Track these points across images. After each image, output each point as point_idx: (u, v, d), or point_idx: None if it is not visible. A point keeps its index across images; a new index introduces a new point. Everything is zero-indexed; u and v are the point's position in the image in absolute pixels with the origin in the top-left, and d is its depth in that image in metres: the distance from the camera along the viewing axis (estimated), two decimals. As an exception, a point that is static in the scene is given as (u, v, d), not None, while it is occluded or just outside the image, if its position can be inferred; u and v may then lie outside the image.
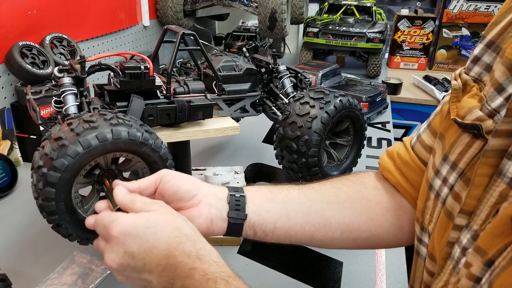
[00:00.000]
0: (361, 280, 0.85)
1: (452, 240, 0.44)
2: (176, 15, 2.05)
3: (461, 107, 0.46)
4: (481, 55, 0.47)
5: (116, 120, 0.65)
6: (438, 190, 0.49)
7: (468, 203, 0.42)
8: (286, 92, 1.10)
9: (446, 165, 0.48)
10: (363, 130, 1.05)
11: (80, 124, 0.63)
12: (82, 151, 0.61)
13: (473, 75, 0.48)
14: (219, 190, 0.59)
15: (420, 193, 0.55)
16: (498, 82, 0.42)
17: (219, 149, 1.42)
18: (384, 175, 0.67)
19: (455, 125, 0.47)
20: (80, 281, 0.81)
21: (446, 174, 0.48)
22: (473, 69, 0.48)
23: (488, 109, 0.42)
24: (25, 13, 1.27)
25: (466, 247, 0.42)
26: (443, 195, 0.48)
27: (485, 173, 0.41)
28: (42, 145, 0.63)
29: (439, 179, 0.49)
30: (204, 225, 0.55)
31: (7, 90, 1.24)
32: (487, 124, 0.41)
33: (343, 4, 2.29)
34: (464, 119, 0.45)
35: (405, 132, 2.24)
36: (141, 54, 0.85)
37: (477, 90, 0.46)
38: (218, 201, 0.57)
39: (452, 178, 0.46)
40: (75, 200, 0.65)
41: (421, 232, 0.53)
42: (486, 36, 0.47)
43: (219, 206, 0.57)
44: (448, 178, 0.47)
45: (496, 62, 0.44)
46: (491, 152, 0.40)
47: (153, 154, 0.68)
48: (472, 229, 0.42)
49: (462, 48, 2.47)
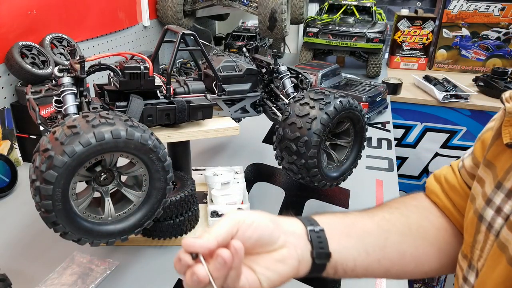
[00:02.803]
0: (361, 280, 0.85)
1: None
2: (176, 15, 2.05)
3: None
4: None
5: (131, 122, 0.67)
6: (490, 221, 0.46)
7: None
8: (286, 92, 1.09)
9: (501, 193, 0.45)
10: (363, 131, 1.05)
11: (96, 118, 0.64)
12: (95, 143, 0.62)
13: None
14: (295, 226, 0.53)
15: (468, 226, 0.52)
16: None
17: (219, 149, 1.42)
18: (431, 198, 0.64)
19: (508, 151, 0.45)
20: (80, 281, 0.81)
21: (500, 203, 0.45)
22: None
23: None
24: (25, 13, 1.27)
25: None
26: (497, 227, 0.45)
27: None
28: (54, 130, 0.64)
29: (492, 209, 0.46)
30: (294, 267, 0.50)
31: (7, 90, 1.24)
32: None
33: (343, 4, 2.29)
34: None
35: (405, 132, 2.24)
36: (141, 54, 0.85)
37: None
38: (299, 239, 0.51)
39: (508, 207, 0.44)
40: (71, 191, 0.65)
41: (468, 271, 0.50)
42: None
43: (302, 245, 0.51)
44: (503, 207, 0.44)
45: None
46: None
47: (158, 163, 0.70)
48: None
49: (462, 48, 2.46)
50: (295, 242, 0.50)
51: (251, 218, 0.48)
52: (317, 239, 0.51)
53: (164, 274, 0.85)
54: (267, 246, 0.48)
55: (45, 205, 0.62)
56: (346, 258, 0.53)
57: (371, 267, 0.55)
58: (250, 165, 1.29)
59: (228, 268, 0.43)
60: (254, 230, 0.47)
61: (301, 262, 0.50)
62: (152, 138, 0.68)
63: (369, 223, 0.58)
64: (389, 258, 0.56)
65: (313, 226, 0.53)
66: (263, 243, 0.48)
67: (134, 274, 0.85)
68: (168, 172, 0.72)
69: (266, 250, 0.48)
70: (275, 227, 0.49)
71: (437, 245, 0.59)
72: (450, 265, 0.60)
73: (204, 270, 0.41)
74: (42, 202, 0.62)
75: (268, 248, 0.48)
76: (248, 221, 0.47)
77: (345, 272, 0.54)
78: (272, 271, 0.48)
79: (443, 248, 0.59)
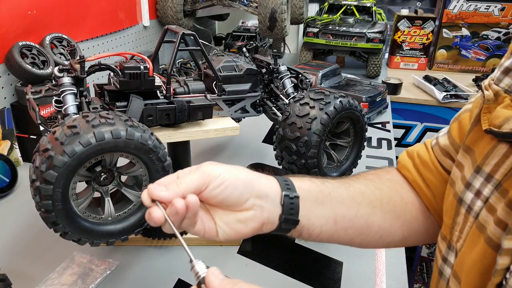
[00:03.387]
0: (361, 280, 0.85)
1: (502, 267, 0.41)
2: (176, 15, 2.05)
3: (495, 117, 0.45)
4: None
5: (131, 122, 0.67)
6: (469, 204, 0.47)
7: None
8: (286, 92, 1.09)
9: (480, 177, 0.46)
10: (363, 131, 1.05)
11: (96, 118, 0.64)
12: (95, 143, 0.62)
13: (504, 86, 0.47)
14: (271, 189, 0.54)
15: (447, 209, 0.53)
16: None
17: (219, 149, 1.42)
18: (402, 171, 0.67)
19: (486, 137, 0.46)
20: (80, 281, 0.81)
21: (479, 187, 0.46)
22: (503, 80, 0.47)
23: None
24: (25, 13, 1.27)
25: None
26: (476, 209, 0.46)
27: None
28: (54, 130, 0.64)
29: (471, 193, 0.47)
30: (255, 229, 0.53)
31: (7, 90, 1.24)
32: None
33: (343, 4, 2.29)
34: (501, 128, 0.43)
35: (405, 132, 2.24)
36: (141, 54, 0.85)
37: (510, 101, 0.45)
38: (271, 203, 0.53)
39: (487, 190, 0.45)
40: (71, 191, 0.65)
41: (447, 251, 0.51)
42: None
43: (271, 209, 0.53)
44: (482, 190, 0.45)
45: None
46: None
47: (158, 163, 0.70)
48: None
49: (462, 48, 2.47)
50: (264, 205, 0.52)
51: (223, 177, 0.49)
52: (289, 205, 0.53)
53: (164, 274, 0.85)
54: (233, 207, 0.51)
55: (45, 205, 0.62)
56: (313, 224, 0.56)
57: (337, 234, 0.58)
58: (250, 165, 1.29)
59: (181, 217, 0.47)
60: (221, 190, 0.49)
61: (265, 224, 0.53)
62: (152, 138, 0.68)
63: (344, 194, 0.60)
64: (356, 228, 0.59)
65: (289, 191, 0.54)
66: (229, 203, 0.50)
67: (134, 274, 0.85)
68: (168, 172, 0.72)
69: (231, 209, 0.51)
70: (246, 190, 0.51)
71: (403, 218, 0.62)
72: (411, 238, 0.63)
73: (160, 211, 0.46)
74: (42, 202, 0.62)
75: (234, 208, 0.51)
76: (218, 181, 0.49)
77: (310, 236, 0.57)
78: (230, 228, 0.51)
79: (408, 221, 0.62)
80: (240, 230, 0.52)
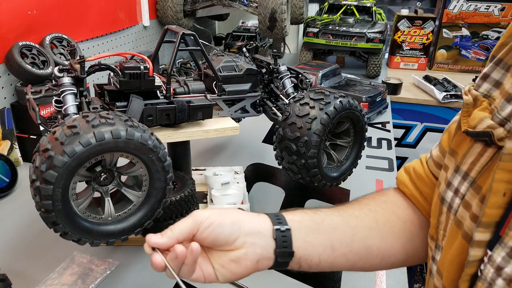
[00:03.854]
0: (361, 280, 0.85)
1: (474, 258, 0.42)
2: (176, 15, 2.05)
3: (472, 119, 0.47)
4: (490, 72, 0.48)
5: (131, 122, 0.67)
6: (450, 202, 0.49)
7: (488, 213, 0.41)
8: (286, 92, 1.09)
9: (458, 176, 0.48)
10: (363, 131, 1.05)
11: (96, 118, 0.64)
12: (95, 143, 0.62)
13: (482, 91, 0.49)
14: (262, 225, 0.56)
15: (433, 209, 0.54)
16: (508, 93, 0.43)
17: (219, 149, 1.42)
18: (400, 187, 0.67)
19: (467, 139, 0.48)
20: (80, 281, 0.81)
21: (458, 185, 0.48)
22: (482, 85, 0.49)
23: (499, 118, 0.43)
24: (25, 13, 1.27)
25: (502, 266, 0.39)
26: (455, 206, 0.48)
27: (503, 179, 0.40)
28: (54, 130, 0.64)
29: (451, 191, 0.49)
30: (250, 267, 0.54)
31: (7, 90, 1.24)
32: (499, 132, 0.42)
33: (343, 4, 2.29)
34: (475, 128, 0.45)
35: (405, 132, 2.24)
36: (141, 54, 0.85)
37: (487, 104, 0.47)
38: (263, 238, 0.54)
39: (463, 188, 0.46)
40: (72, 191, 0.65)
41: (435, 251, 0.52)
42: (495, 55, 0.48)
43: (264, 245, 0.54)
44: (460, 188, 0.47)
45: (507, 77, 0.45)
46: (508, 156, 0.40)
47: (158, 163, 0.70)
48: (507, 245, 0.39)
49: (462, 48, 2.47)
50: (256, 242, 0.54)
51: (210, 219, 0.52)
52: (282, 238, 0.55)
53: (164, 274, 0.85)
54: (224, 246, 0.53)
55: (45, 205, 0.62)
56: (310, 254, 0.56)
57: (337, 261, 0.58)
58: (250, 165, 1.29)
59: (181, 262, 0.50)
60: (210, 232, 0.52)
61: (260, 261, 0.54)
62: (152, 138, 0.68)
63: (338, 219, 0.60)
64: (356, 253, 0.59)
65: (280, 225, 0.56)
66: (220, 243, 0.53)
67: (134, 274, 0.85)
68: (168, 172, 0.72)
69: (223, 249, 0.53)
70: (234, 229, 0.53)
71: (403, 238, 0.62)
72: (416, 255, 0.63)
73: (160, 258, 0.50)
74: (42, 202, 0.62)
75: (225, 248, 0.53)
76: (206, 223, 0.52)
77: (310, 266, 0.57)
78: (226, 269, 0.53)
79: (409, 239, 0.62)
80: (235, 270, 0.53)
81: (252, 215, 0.57)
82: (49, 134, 0.65)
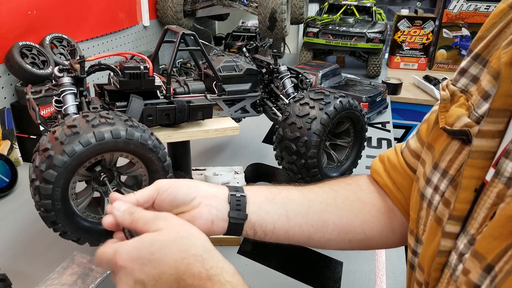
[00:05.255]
0: (361, 280, 0.85)
1: (444, 249, 0.44)
2: (176, 15, 2.05)
3: (449, 116, 0.47)
4: (468, 67, 0.49)
5: (131, 122, 0.67)
6: (430, 198, 0.50)
7: (458, 208, 0.43)
8: (286, 92, 1.09)
9: (437, 173, 0.49)
10: (363, 131, 1.05)
11: (96, 117, 0.64)
12: (95, 142, 0.62)
13: (460, 86, 0.50)
14: (219, 191, 0.58)
15: (413, 204, 0.55)
16: (484, 90, 0.44)
17: (219, 149, 1.42)
18: (374, 176, 0.68)
19: (444, 134, 0.48)
20: (80, 281, 0.81)
21: (437, 182, 0.48)
22: (460, 80, 0.50)
23: (475, 115, 0.44)
24: (25, 13, 1.27)
25: (463, 252, 0.41)
26: (435, 203, 0.48)
27: (472, 175, 0.41)
28: (54, 130, 0.64)
29: (431, 188, 0.50)
30: (205, 226, 0.55)
31: (7, 90, 1.24)
32: (475, 130, 0.42)
33: (343, 4, 2.29)
34: (453, 126, 0.46)
35: (405, 132, 2.24)
36: (141, 54, 0.85)
37: (464, 100, 0.48)
38: (218, 201, 0.57)
39: (443, 185, 0.47)
40: (71, 191, 0.66)
41: (416, 244, 0.53)
42: (472, 50, 0.49)
43: (219, 206, 0.56)
44: (439, 185, 0.48)
45: (484, 73, 0.46)
46: (476, 153, 0.41)
47: (158, 163, 0.70)
48: (469, 234, 0.41)
49: (462, 48, 2.47)
50: (212, 203, 0.56)
51: (170, 183, 0.55)
52: (236, 202, 0.57)
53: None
54: (182, 207, 0.55)
55: (44, 205, 0.62)
56: (265, 220, 0.58)
57: (292, 230, 0.59)
58: (250, 165, 1.29)
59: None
60: (168, 193, 0.54)
61: (215, 222, 0.56)
62: (152, 138, 0.68)
63: (295, 193, 0.62)
64: (311, 225, 0.60)
65: (237, 192, 0.58)
66: (177, 204, 0.55)
67: (134, 274, 0.85)
68: (168, 172, 0.72)
69: (181, 210, 0.55)
70: (190, 190, 0.56)
71: (361, 218, 0.63)
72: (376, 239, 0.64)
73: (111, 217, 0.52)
74: (41, 201, 0.62)
75: (183, 209, 0.55)
76: (166, 186, 0.55)
77: (265, 233, 0.58)
78: None
79: (368, 221, 0.63)
80: None
81: (214, 185, 0.59)
82: (49, 133, 0.65)
